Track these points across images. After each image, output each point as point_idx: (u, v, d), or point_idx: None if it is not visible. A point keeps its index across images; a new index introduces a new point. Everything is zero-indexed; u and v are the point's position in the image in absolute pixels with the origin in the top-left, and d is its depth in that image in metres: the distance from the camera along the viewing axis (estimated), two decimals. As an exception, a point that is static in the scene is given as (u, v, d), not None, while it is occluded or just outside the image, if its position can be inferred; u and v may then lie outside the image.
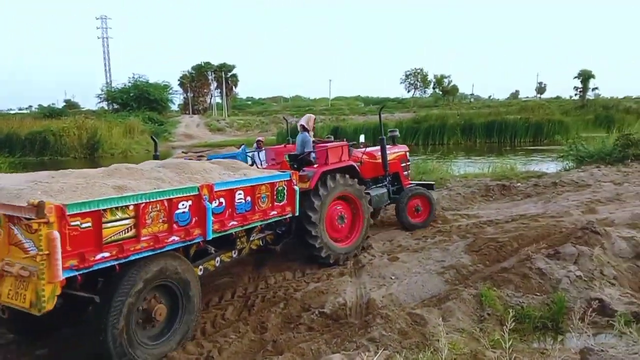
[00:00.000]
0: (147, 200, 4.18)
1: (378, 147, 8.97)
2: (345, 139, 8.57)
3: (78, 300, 4.06)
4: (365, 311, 5.44)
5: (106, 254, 3.89)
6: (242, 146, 13.25)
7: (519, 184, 12.86)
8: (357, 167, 7.72)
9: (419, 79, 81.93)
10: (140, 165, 5.50)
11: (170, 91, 59.92)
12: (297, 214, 6.31)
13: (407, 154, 9.81)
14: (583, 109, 47.81)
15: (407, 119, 40.12)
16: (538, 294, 5.58)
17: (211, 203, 4.80)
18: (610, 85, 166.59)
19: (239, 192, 5.28)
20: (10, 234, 3.67)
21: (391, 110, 60.88)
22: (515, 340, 4.46)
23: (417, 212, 9.05)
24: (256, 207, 5.54)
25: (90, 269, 3.80)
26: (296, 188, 6.21)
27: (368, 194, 8.04)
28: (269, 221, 5.92)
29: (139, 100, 53.27)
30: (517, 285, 5.71)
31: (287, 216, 6.15)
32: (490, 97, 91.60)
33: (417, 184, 9.67)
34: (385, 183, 8.98)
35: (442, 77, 78.90)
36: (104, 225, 3.85)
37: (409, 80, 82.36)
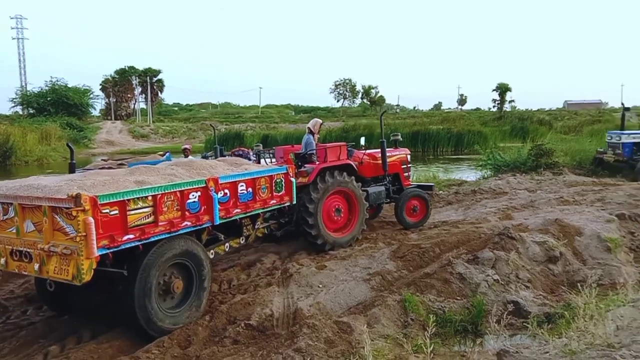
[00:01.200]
0: (163, 192, 5.11)
1: (379, 149, 9.59)
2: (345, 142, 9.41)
3: (109, 280, 5.09)
4: (292, 321, 5.39)
5: (131, 236, 4.76)
6: (167, 153, 12.81)
7: (441, 191, 13.34)
8: (354, 166, 8.55)
9: (348, 89, 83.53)
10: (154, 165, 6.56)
11: (91, 96, 57.39)
12: (294, 202, 7.20)
13: (409, 157, 10.48)
14: (500, 120, 50.58)
15: (336, 128, 40.68)
16: (458, 298, 5.78)
17: (217, 193, 5.73)
18: (525, 98, 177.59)
19: (241, 184, 6.21)
20: (54, 221, 4.55)
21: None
22: (437, 345, 4.58)
23: (414, 212, 9.66)
24: (257, 197, 6.47)
25: (119, 248, 4.67)
26: (293, 180, 7.13)
27: (366, 191, 8.86)
28: (269, 209, 6.82)
29: (56, 105, 50.56)
30: (439, 290, 5.88)
31: (285, 204, 7.06)
32: (415, 107, 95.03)
33: (418, 185, 10.37)
34: (385, 182, 9.66)
35: (370, 87, 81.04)
36: (128, 213, 4.74)
37: (338, 90, 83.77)
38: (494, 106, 66.57)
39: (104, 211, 4.51)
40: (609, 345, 3.10)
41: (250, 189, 6.36)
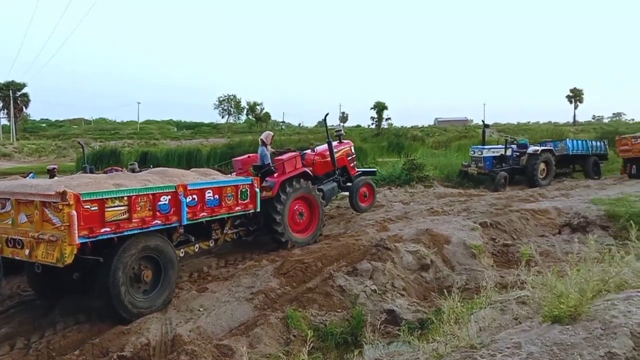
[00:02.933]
0: (137, 194, 6.04)
1: (326, 147, 10.79)
2: (293, 149, 10.52)
3: (88, 270, 6.14)
4: (171, 349, 5.13)
5: (107, 229, 5.68)
6: (30, 174, 11.73)
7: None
8: (309, 172, 9.55)
9: (233, 105, 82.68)
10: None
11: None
12: (258, 209, 8.08)
13: (352, 148, 11.65)
14: (379, 136, 53.14)
15: (221, 145, 40.00)
16: (339, 310, 5.90)
17: (186, 198, 6.65)
18: (400, 116, 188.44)
19: (208, 191, 7.14)
20: (44, 214, 5.45)
21: (205, 135, 60.17)
22: (318, 359, 4.61)
23: (365, 198, 11.30)
24: (223, 203, 7.39)
25: (97, 239, 5.60)
26: (257, 190, 8.05)
27: (321, 189, 9.94)
28: (233, 214, 7.71)
29: None
30: (320, 304, 5.96)
31: (249, 211, 7.98)
32: (300, 124, 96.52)
33: (363, 172, 11.79)
34: (336, 176, 10.84)
35: (255, 104, 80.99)
36: (106, 209, 5.68)
37: (222, 106, 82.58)
38: (372, 123, 70.00)
39: (85, 207, 5.46)
40: (472, 346, 3.31)
41: (217, 196, 7.28)
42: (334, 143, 11.03)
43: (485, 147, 18.60)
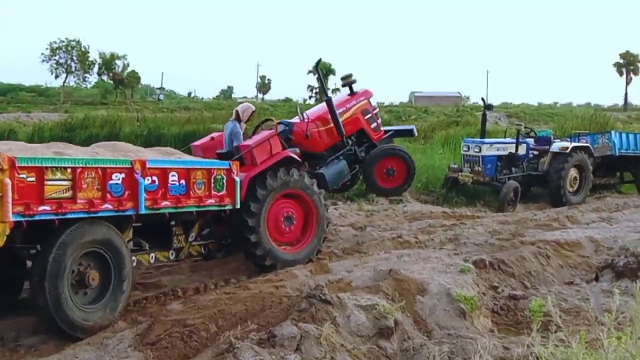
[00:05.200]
0: (83, 165, 7.06)
1: (325, 107, 11.59)
2: (273, 125, 10.87)
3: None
4: None
5: (47, 207, 6.67)
6: None
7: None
8: (295, 156, 10.18)
9: (74, 57, 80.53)
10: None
11: None
12: (237, 206, 9.15)
13: (372, 100, 12.54)
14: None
15: (53, 123, 38.90)
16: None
17: (144, 179, 7.69)
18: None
19: (172, 172, 8.22)
20: None
21: (26, 107, 58.43)
22: None
23: (390, 176, 11.95)
24: (191, 192, 8.48)
25: (33, 218, 6.57)
26: (237, 178, 9.08)
27: (321, 174, 10.83)
28: (205, 209, 8.84)
29: None
30: (212, 399, 5.92)
31: (226, 207, 9.07)
32: (191, 94, 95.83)
33: (393, 132, 12.87)
34: (347, 148, 11.74)
35: (114, 57, 79.42)
36: (45, 182, 6.66)
37: (56, 57, 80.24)
38: (310, 96, 70.50)
39: (21, 175, 6.36)
40: None
41: (183, 181, 8.36)
42: (343, 97, 12.03)
43: (486, 140, 19.17)
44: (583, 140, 20.30)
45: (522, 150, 18.67)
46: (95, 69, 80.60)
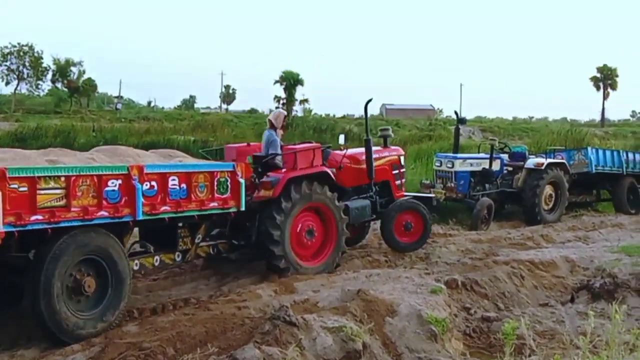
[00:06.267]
0: (78, 174, 7.42)
1: (363, 150, 12.24)
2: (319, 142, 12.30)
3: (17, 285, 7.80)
4: None
5: (40, 217, 7.03)
6: None
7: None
8: (331, 174, 11.06)
9: (27, 63, 79.77)
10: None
11: None
12: (242, 208, 9.64)
13: (402, 158, 13.32)
14: (288, 129, 53.60)
15: (3, 133, 38.43)
16: None
17: (142, 184, 8.05)
18: (324, 98, 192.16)
19: (172, 177, 8.58)
20: None
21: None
22: None
23: (407, 231, 12.39)
24: (192, 196, 8.86)
25: (25, 228, 6.95)
26: (241, 181, 9.52)
27: (346, 206, 11.41)
28: (208, 212, 9.24)
29: None
30: None
31: (230, 209, 9.49)
32: (151, 104, 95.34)
33: (414, 197, 13.25)
34: (371, 194, 12.37)
35: (69, 63, 78.78)
36: (38, 192, 7.01)
37: (7, 63, 79.45)
38: (277, 107, 70.33)
39: (12, 186, 6.69)
40: None
41: (184, 185, 8.73)
42: (377, 147, 12.63)
43: (459, 156, 19.27)
44: (559, 157, 20.48)
45: (496, 166, 18.77)
46: (49, 75, 79.68)
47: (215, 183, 9.20)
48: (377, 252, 12.73)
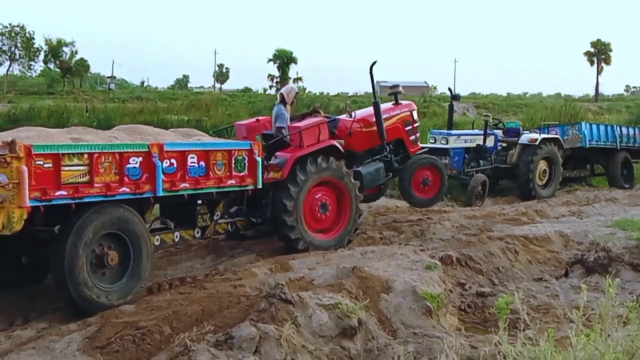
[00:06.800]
0: (100, 151, 7.82)
1: (371, 111, 12.39)
2: (324, 115, 12.14)
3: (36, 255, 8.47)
4: None
5: (64, 192, 7.47)
6: None
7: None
8: (339, 146, 11.20)
9: (18, 44, 79.27)
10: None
11: None
12: (259, 186, 10.03)
13: (414, 113, 13.38)
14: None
15: (-6, 113, 38.24)
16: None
17: (162, 162, 8.47)
18: (317, 76, 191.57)
19: (191, 155, 8.98)
20: None
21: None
22: None
23: (425, 186, 12.77)
24: (211, 173, 9.27)
25: (50, 202, 7.40)
26: (258, 159, 9.93)
27: (358, 173, 11.66)
28: (226, 189, 9.68)
29: None
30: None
31: (247, 187, 9.93)
32: (144, 83, 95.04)
33: (429, 150, 13.77)
34: (384, 154, 12.52)
35: (61, 43, 78.32)
36: (62, 168, 7.44)
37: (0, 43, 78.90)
38: (270, 86, 70.35)
39: (37, 162, 7.12)
40: None
41: (202, 163, 9.13)
42: (387, 105, 12.78)
43: (454, 132, 19.22)
44: (552, 132, 20.53)
45: (490, 142, 18.76)
46: (41, 56, 79.13)
47: (233, 161, 9.61)
48: (372, 230, 12.75)
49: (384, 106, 12.70)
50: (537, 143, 18.78)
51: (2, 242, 7.90)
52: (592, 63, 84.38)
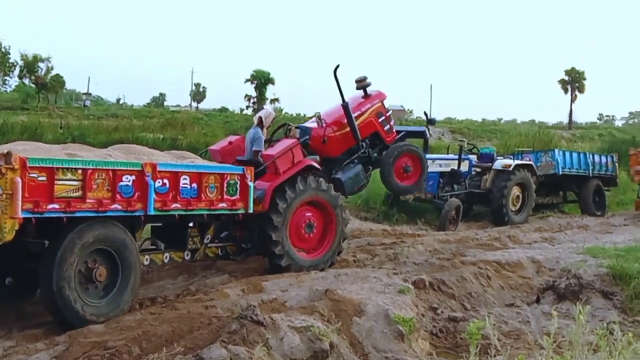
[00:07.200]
0: (94, 167, 7.98)
1: (340, 111, 12.35)
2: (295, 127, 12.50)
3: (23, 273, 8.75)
4: None
5: (56, 206, 7.60)
6: None
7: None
8: (315, 164, 11.19)
9: (-6, 59, 78.77)
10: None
11: None
12: (250, 210, 10.06)
13: (384, 102, 13.31)
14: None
15: (-32, 130, 37.92)
16: None
17: (154, 181, 8.57)
18: (294, 98, 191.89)
19: (184, 176, 9.09)
20: None
21: None
22: None
23: (407, 173, 12.77)
24: (202, 196, 9.36)
25: (42, 215, 7.51)
26: (250, 184, 10.00)
27: (339, 179, 11.88)
28: (217, 212, 9.74)
29: None
30: None
31: (238, 211, 9.97)
32: (120, 101, 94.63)
33: (404, 133, 13.84)
34: (362, 151, 12.62)
35: (37, 59, 77.78)
36: (56, 182, 7.58)
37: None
38: (247, 106, 70.29)
39: (31, 175, 7.27)
40: None
41: (195, 185, 9.24)
42: (357, 99, 12.87)
43: (429, 156, 19.28)
44: (526, 158, 20.71)
45: (464, 167, 18.91)
46: (16, 71, 78.50)
47: (225, 185, 9.69)
48: (346, 252, 12.72)
49: (354, 101, 12.64)
50: (510, 169, 18.95)
51: None
52: (566, 91, 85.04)
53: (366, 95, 13.04)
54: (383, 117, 13.11)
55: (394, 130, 13.43)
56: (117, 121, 52.08)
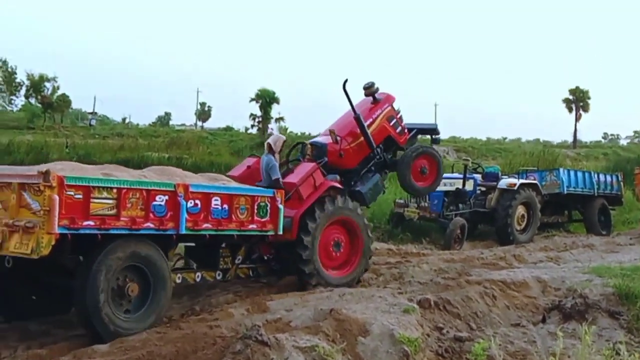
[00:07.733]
0: (129, 187, 8.33)
1: (352, 122, 12.46)
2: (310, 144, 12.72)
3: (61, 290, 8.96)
4: None
5: (91, 222, 7.92)
6: None
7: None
8: (337, 185, 11.47)
9: (0, 78, 79.01)
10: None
11: None
12: (280, 232, 10.34)
13: (395, 105, 13.28)
14: (262, 147, 53.63)
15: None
16: None
17: (187, 201, 8.89)
18: (299, 114, 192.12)
19: (215, 197, 9.45)
20: (21, 199, 7.78)
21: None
22: None
23: (424, 175, 12.89)
24: (233, 216, 9.69)
25: (78, 231, 7.80)
26: (280, 206, 10.27)
27: (359, 192, 12.19)
28: (247, 233, 10.04)
29: None
30: None
31: (268, 232, 10.28)
32: (125, 120, 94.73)
33: (416, 131, 14.01)
34: (377, 158, 12.83)
35: (43, 78, 78.09)
36: (91, 200, 7.92)
37: (-21, 79, 78.51)
38: (253, 125, 70.22)
39: (68, 192, 7.59)
40: None
41: (226, 206, 9.57)
42: (366, 106, 12.94)
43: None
44: (531, 177, 20.67)
45: (469, 186, 18.90)
46: (23, 91, 78.78)
47: (256, 206, 10.01)
48: (351, 271, 12.69)
49: (364, 109, 12.77)
50: (515, 188, 18.91)
51: (29, 270, 8.66)
52: (570, 110, 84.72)
53: (375, 101, 13.09)
54: (394, 120, 13.23)
55: (405, 131, 13.53)
56: (123, 140, 52.19)
